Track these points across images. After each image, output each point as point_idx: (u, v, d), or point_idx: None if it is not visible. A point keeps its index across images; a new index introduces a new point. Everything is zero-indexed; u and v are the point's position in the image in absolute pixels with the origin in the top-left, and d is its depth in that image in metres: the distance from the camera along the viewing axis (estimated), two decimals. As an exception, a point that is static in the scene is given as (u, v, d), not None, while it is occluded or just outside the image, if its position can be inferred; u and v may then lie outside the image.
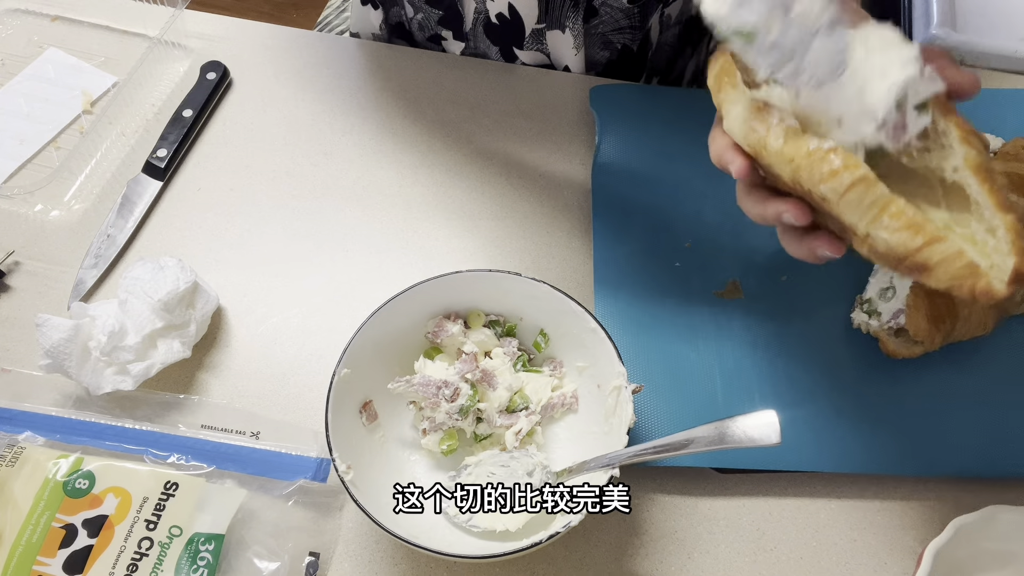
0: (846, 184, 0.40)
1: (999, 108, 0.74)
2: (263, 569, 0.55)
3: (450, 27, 0.83)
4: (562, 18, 0.78)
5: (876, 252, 0.41)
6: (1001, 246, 0.38)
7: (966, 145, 0.40)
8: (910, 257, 0.39)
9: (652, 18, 0.80)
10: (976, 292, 0.38)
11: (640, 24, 0.79)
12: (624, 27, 0.79)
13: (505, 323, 0.62)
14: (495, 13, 0.78)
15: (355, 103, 0.80)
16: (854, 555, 0.57)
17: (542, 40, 0.80)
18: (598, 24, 0.79)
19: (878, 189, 0.39)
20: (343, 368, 0.55)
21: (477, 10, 0.79)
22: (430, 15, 0.82)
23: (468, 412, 0.58)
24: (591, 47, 0.81)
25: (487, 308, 0.62)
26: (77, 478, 0.56)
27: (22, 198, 0.72)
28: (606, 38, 0.80)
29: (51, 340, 0.59)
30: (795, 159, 0.41)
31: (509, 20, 0.79)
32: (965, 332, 0.61)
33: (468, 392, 0.58)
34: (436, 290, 0.59)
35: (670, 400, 0.61)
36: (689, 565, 0.57)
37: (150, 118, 0.78)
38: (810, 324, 0.65)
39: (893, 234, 0.39)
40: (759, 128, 0.43)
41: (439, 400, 0.57)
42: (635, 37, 0.81)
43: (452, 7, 0.80)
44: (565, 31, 0.78)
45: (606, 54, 0.82)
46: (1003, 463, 0.59)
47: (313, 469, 0.58)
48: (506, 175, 0.75)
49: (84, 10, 0.85)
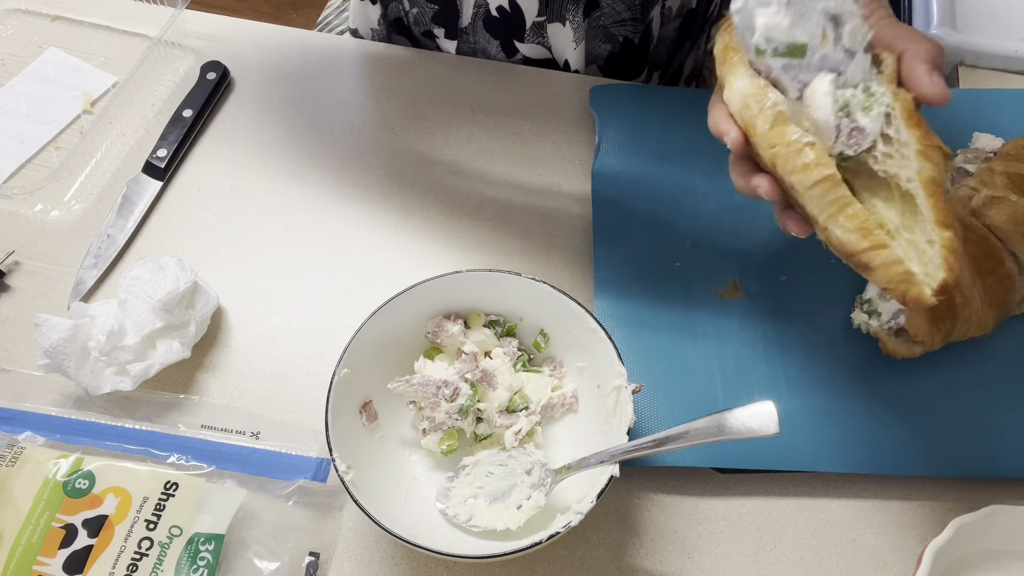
0: (813, 180, 0.43)
1: (999, 108, 0.74)
2: (263, 569, 0.55)
3: (443, 24, 0.83)
4: (563, 11, 0.78)
5: (830, 243, 0.45)
6: (936, 259, 0.42)
7: (922, 159, 0.43)
8: (856, 256, 0.44)
9: (654, 10, 0.80)
10: (908, 298, 0.42)
11: (642, 16, 0.79)
12: (626, 19, 0.79)
13: (505, 323, 0.62)
14: (495, 6, 0.78)
15: (355, 103, 0.80)
16: (854, 555, 0.57)
17: (543, 33, 0.80)
18: (600, 16, 0.79)
19: (840, 190, 0.43)
20: (343, 368, 0.55)
21: (477, 3, 0.79)
22: (425, 10, 0.82)
23: (468, 412, 0.58)
24: (592, 40, 0.81)
25: (487, 308, 0.62)
26: (77, 478, 0.56)
27: (22, 198, 0.72)
28: (608, 30, 0.80)
29: (50, 340, 0.59)
30: (776, 146, 0.44)
31: (510, 13, 0.79)
32: (965, 332, 0.61)
33: (468, 392, 0.58)
34: (436, 290, 0.59)
35: (670, 400, 0.61)
36: (689, 565, 0.57)
37: (150, 118, 0.78)
38: (810, 324, 0.65)
39: (845, 233, 0.44)
40: (753, 107, 0.46)
41: (439, 400, 0.57)
42: (637, 29, 0.81)
43: (450, 1, 0.80)
44: (565, 24, 0.78)
45: (608, 47, 0.82)
46: (1003, 463, 0.59)
47: (313, 469, 0.58)
48: (506, 175, 0.75)
49: (84, 10, 0.85)
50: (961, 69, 0.85)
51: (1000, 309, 0.61)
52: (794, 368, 0.63)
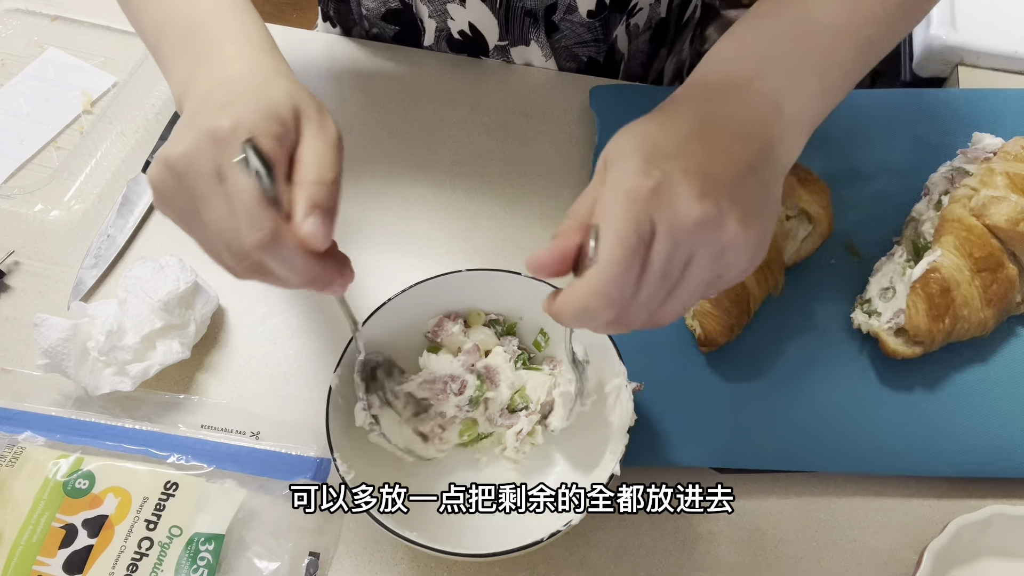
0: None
1: (999, 108, 0.74)
2: (263, 569, 0.55)
3: (405, 43, 0.83)
4: (525, 34, 0.78)
5: None
6: None
7: None
8: None
9: (617, 29, 0.79)
10: None
11: (604, 36, 0.79)
12: (588, 40, 0.79)
13: (505, 322, 0.62)
14: (457, 30, 0.78)
15: (355, 103, 0.80)
16: (854, 555, 0.57)
17: (507, 54, 0.80)
18: (560, 38, 0.79)
19: None
20: (343, 368, 0.55)
21: (439, 27, 0.79)
22: (386, 31, 0.82)
23: (478, 402, 0.58)
24: (559, 58, 0.81)
25: (487, 307, 0.62)
26: (77, 478, 0.56)
27: (22, 198, 0.72)
28: (571, 51, 0.80)
29: (49, 340, 0.58)
30: None
31: (472, 37, 0.79)
32: (965, 332, 0.61)
33: (475, 383, 0.58)
34: (436, 290, 0.59)
35: (670, 398, 0.61)
36: (689, 565, 0.57)
37: (150, 118, 0.78)
38: (810, 324, 0.65)
39: None
40: None
41: (447, 394, 0.57)
42: (600, 50, 0.80)
43: (410, 24, 0.80)
44: (531, 44, 0.78)
45: (573, 65, 0.82)
46: (1003, 463, 0.59)
47: (313, 469, 0.58)
48: (506, 175, 0.75)
49: (84, 10, 0.85)
50: (961, 69, 0.85)
51: (1000, 309, 0.61)
52: (794, 368, 0.63)
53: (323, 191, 0.42)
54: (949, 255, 0.60)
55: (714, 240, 0.39)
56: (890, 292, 0.63)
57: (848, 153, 0.72)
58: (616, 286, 0.38)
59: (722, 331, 0.61)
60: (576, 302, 0.40)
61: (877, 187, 0.71)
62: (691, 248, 0.39)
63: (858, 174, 0.71)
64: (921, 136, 0.73)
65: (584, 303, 0.39)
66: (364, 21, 0.82)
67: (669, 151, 0.40)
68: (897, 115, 0.74)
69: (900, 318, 0.61)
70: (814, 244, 0.66)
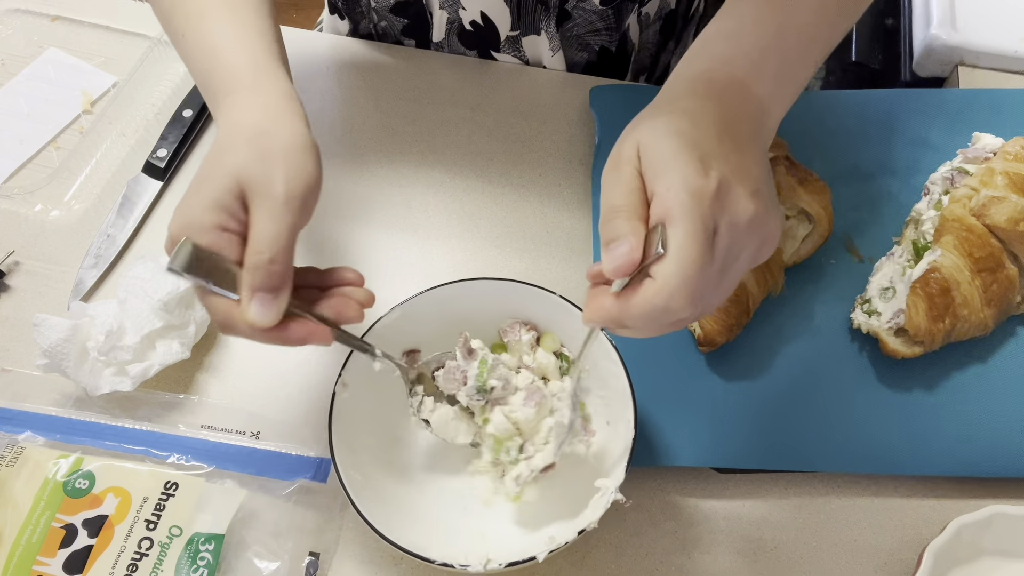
0: None
1: (999, 108, 0.74)
2: (263, 569, 0.55)
3: (414, 36, 0.83)
4: (536, 23, 0.77)
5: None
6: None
7: None
8: None
9: (629, 18, 0.79)
10: None
11: (616, 25, 0.79)
12: (600, 29, 0.79)
13: (569, 365, 0.59)
14: (468, 21, 0.78)
15: (355, 103, 0.80)
16: (854, 555, 0.57)
17: (518, 46, 0.80)
18: (572, 27, 0.79)
19: None
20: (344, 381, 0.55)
21: (450, 19, 0.79)
22: (394, 23, 0.82)
23: (485, 384, 0.55)
24: (569, 49, 0.81)
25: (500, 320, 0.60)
26: (77, 478, 0.56)
27: (22, 198, 0.72)
28: (582, 40, 0.80)
29: (49, 340, 0.58)
30: None
31: (483, 27, 0.78)
32: (965, 332, 0.61)
33: (475, 372, 0.56)
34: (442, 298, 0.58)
35: (670, 398, 0.61)
36: (689, 565, 0.57)
37: (150, 118, 0.78)
38: (810, 324, 0.65)
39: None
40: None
41: (459, 384, 0.56)
42: (612, 38, 0.80)
43: (420, 15, 0.80)
44: (541, 34, 0.78)
45: (584, 55, 0.82)
46: (1003, 463, 0.59)
47: (313, 469, 0.58)
48: (506, 175, 0.75)
49: (84, 10, 0.85)
50: (961, 69, 0.85)
51: (1000, 309, 0.61)
52: (794, 368, 0.63)
53: (260, 274, 0.44)
54: (949, 255, 0.60)
55: (759, 235, 0.43)
56: (890, 292, 0.63)
57: (848, 153, 0.72)
58: (698, 283, 0.40)
59: (722, 331, 0.61)
60: (654, 301, 0.41)
61: (877, 187, 0.71)
62: (743, 243, 0.42)
63: (858, 174, 0.71)
64: (921, 136, 0.73)
65: (665, 302, 0.40)
66: (372, 13, 0.82)
67: (714, 152, 0.42)
68: (897, 115, 0.74)
69: (900, 318, 0.61)
70: (814, 244, 0.66)
